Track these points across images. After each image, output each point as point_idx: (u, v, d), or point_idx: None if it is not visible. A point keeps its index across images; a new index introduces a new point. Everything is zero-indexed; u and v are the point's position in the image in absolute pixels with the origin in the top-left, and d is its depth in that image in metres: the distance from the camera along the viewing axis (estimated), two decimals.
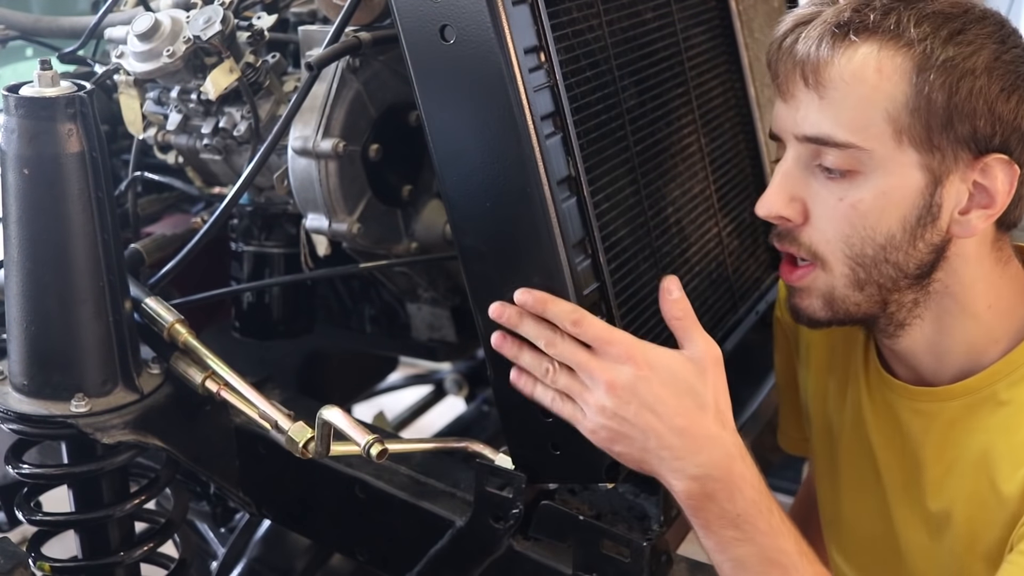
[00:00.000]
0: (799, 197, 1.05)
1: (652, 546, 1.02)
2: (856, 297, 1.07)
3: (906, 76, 0.98)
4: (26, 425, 1.12)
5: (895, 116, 0.99)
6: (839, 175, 1.02)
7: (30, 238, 1.08)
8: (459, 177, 0.99)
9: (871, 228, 1.03)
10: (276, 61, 1.35)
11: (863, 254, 1.04)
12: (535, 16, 0.96)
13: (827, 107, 1.01)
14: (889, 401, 1.17)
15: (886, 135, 1.00)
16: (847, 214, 1.03)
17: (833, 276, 1.06)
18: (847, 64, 1.00)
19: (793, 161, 1.06)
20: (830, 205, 1.04)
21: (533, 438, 1.05)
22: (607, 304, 1.02)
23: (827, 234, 1.05)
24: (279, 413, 1.10)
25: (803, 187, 1.05)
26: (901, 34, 0.99)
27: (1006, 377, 1.07)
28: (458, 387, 2.41)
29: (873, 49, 0.99)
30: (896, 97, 0.99)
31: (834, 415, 1.26)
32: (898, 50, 0.99)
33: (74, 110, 1.05)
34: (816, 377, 1.30)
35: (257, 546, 1.58)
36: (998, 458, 1.05)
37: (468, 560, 1.12)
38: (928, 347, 1.11)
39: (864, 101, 1.00)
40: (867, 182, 1.01)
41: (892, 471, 1.17)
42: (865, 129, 1.00)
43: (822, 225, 1.05)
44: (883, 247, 1.03)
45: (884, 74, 0.99)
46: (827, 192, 1.04)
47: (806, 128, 1.03)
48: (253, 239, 1.46)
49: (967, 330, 1.08)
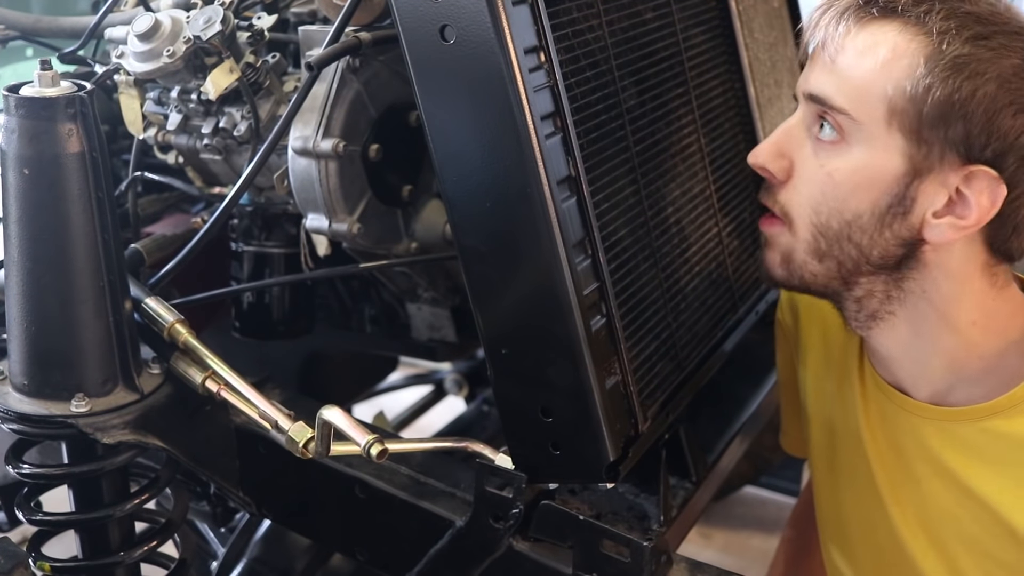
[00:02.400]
0: (788, 155, 1.08)
1: (652, 546, 1.02)
2: (813, 266, 1.09)
3: (915, 63, 0.99)
4: (26, 425, 1.12)
5: (893, 98, 0.99)
6: (828, 144, 1.04)
7: (30, 238, 1.08)
8: (459, 177, 0.99)
9: (841, 200, 1.04)
10: (276, 61, 1.35)
11: (827, 225, 1.06)
12: (535, 16, 0.96)
13: (835, 71, 1.03)
14: (883, 407, 1.17)
15: (879, 113, 1.00)
16: (823, 181, 1.05)
17: (796, 239, 1.09)
18: (866, 38, 1.02)
19: (797, 120, 1.09)
20: (811, 169, 1.06)
21: (533, 438, 1.05)
22: (607, 304, 1.03)
23: (801, 197, 1.07)
24: (279, 413, 1.10)
25: (796, 147, 1.08)
26: (925, 23, 0.99)
27: (1009, 409, 1.06)
28: (458, 387, 2.41)
29: (895, 30, 1.01)
30: (900, 80, 0.99)
31: (832, 415, 1.27)
32: (916, 36, 1.00)
33: (74, 110, 1.05)
34: (814, 377, 1.30)
35: (257, 546, 1.58)
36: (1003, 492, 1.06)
37: (468, 560, 1.12)
38: (905, 350, 1.11)
39: (869, 74, 1.01)
40: (848, 153, 1.03)
41: (886, 474, 1.18)
42: (862, 101, 1.01)
43: (799, 187, 1.07)
44: (848, 223, 1.04)
45: (896, 55, 1.00)
46: (814, 158, 1.06)
47: (810, 86, 1.06)
48: (253, 239, 1.46)
49: (946, 341, 1.08)
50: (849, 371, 1.22)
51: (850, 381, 1.22)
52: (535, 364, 1.02)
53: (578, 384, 1.00)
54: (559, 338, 1.00)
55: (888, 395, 1.16)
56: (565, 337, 0.99)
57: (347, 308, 1.70)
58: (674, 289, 1.17)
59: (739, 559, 2.47)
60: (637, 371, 1.07)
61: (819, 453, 1.32)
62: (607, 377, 1.02)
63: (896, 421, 1.15)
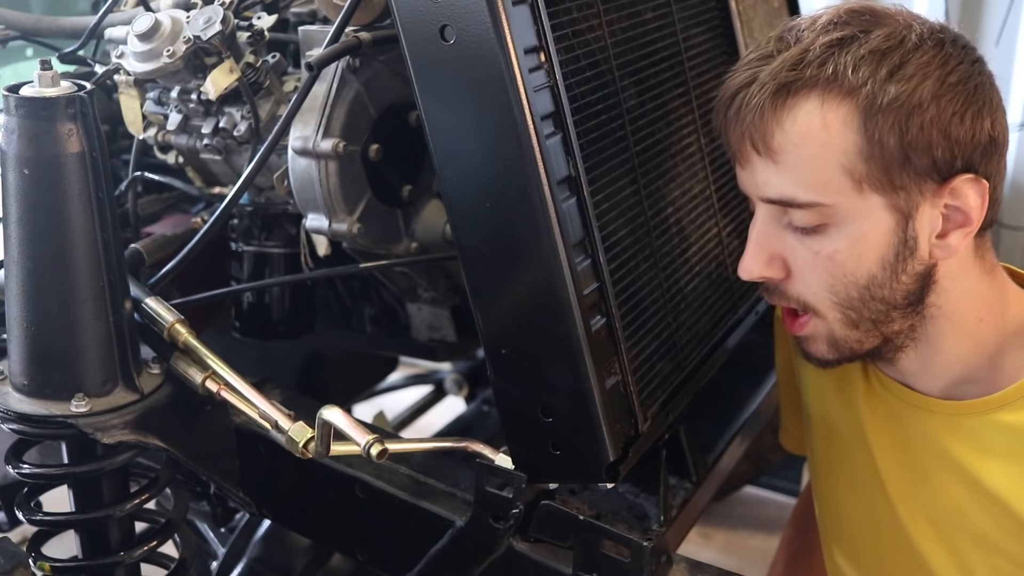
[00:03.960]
0: (777, 254, 1.06)
1: (652, 546, 1.02)
2: (855, 335, 1.08)
3: (854, 125, 0.98)
4: (26, 425, 1.12)
5: (851, 167, 0.99)
6: (810, 230, 1.03)
7: (30, 238, 1.08)
8: (459, 177, 0.99)
9: (851, 274, 1.04)
10: (276, 61, 1.35)
11: (849, 297, 1.05)
12: (535, 16, 0.96)
13: (783, 170, 1.01)
14: (889, 404, 1.17)
15: (846, 187, 0.99)
16: (826, 265, 1.04)
17: (828, 321, 1.08)
18: (792, 126, 0.99)
19: (763, 221, 1.07)
20: (808, 259, 1.05)
21: (533, 438, 1.05)
22: (607, 304, 1.03)
23: (812, 286, 1.06)
24: (279, 413, 1.10)
25: (779, 243, 1.06)
26: (841, 82, 0.97)
27: (1016, 401, 1.07)
28: (458, 387, 2.41)
29: (816, 104, 0.98)
30: (848, 149, 0.98)
31: (832, 413, 1.27)
32: (842, 100, 0.98)
33: (74, 110, 1.05)
34: (814, 375, 1.30)
35: (257, 546, 1.58)
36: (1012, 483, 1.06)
37: (468, 560, 1.12)
38: (923, 366, 1.12)
39: (817, 159, 0.99)
40: (838, 232, 1.02)
41: (894, 472, 1.18)
42: (825, 185, 1.00)
43: (805, 277, 1.06)
44: (867, 287, 1.04)
45: (832, 128, 0.98)
46: (802, 247, 1.04)
47: (768, 192, 1.04)
48: (253, 239, 1.46)
49: (960, 348, 1.09)
50: (850, 369, 1.22)
51: (851, 379, 1.22)
52: (535, 364, 1.02)
53: (578, 384, 1.00)
54: (559, 338, 1.00)
55: (895, 392, 1.16)
56: (565, 337, 0.99)
57: (347, 308, 1.70)
58: (674, 289, 1.17)
59: (739, 559, 2.47)
60: (637, 371, 1.07)
61: (819, 450, 1.32)
62: (607, 377, 1.02)
63: (903, 417, 1.16)
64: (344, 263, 1.41)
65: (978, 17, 2.14)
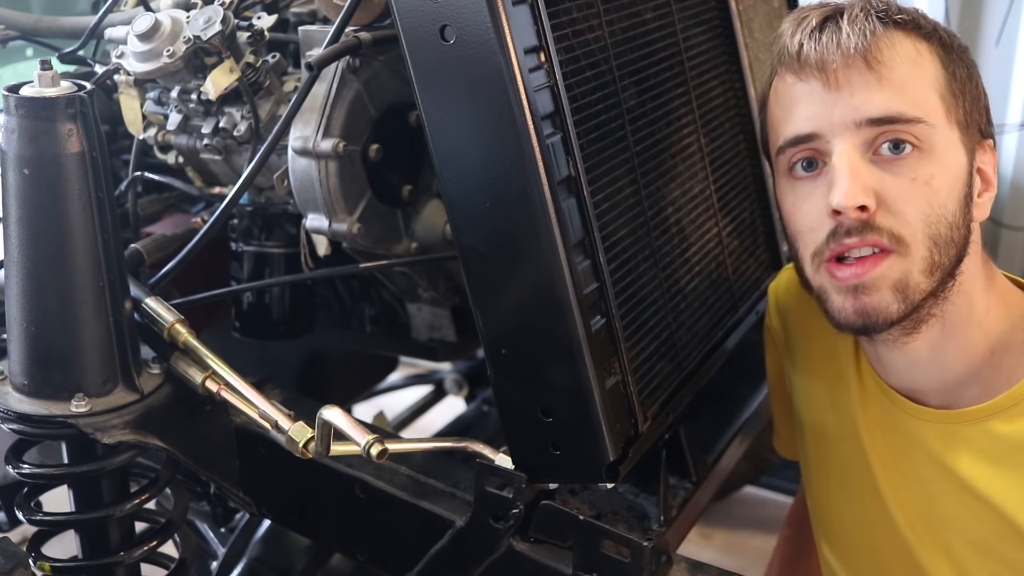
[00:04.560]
0: (871, 185, 1.02)
1: (652, 546, 1.02)
2: (925, 284, 1.03)
3: (938, 60, 1.05)
4: (26, 425, 1.12)
5: (943, 95, 1.04)
6: (904, 157, 1.02)
7: (30, 238, 1.08)
8: (459, 177, 0.99)
9: (942, 205, 1.03)
10: (276, 61, 1.35)
11: (939, 233, 1.03)
12: (535, 16, 0.96)
13: (889, 87, 1.03)
14: (887, 411, 1.16)
15: (940, 112, 1.04)
16: (923, 191, 1.02)
17: (912, 260, 1.02)
18: (899, 46, 1.04)
19: (851, 153, 1.03)
20: (904, 186, 1.02)
21: (533, 438, 1.05)
22: (607, 304, 1.03)
23: (908, 215, 1.02)
24: (279, 413, 1.10)
25: (869, 174, 1.02)
26: (919, 24, 1.06)
27: (1009, 409, 1.06)
28: (458, 387, 2.41)
29: (907, 36, 1.05)
30: (939, 78, 1.05)
31: (823, 418, 1.26)
32: (921, 37, 1.06)
33: (74, 110, 1.05)
34: (804, 380, 1.30)
35: (257, 546, 1.58)
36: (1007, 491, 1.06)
37: (468, 560, 1.12)
38: (932, 354, 1.09)
39: (920, 80, 1.04)
40: (932, 158, 1.03)
41: (889, 476, 1.17)
42: (927, 104, 1.04)
43: (899, 207, 1.02)
44: (951, 225, 1.03)
45: (924, 56, 1.05)
46: (896, 175, 1.02)
47: (871, 110, 1.02)
48: (253, 239, 1.46)
49: (970, 333, 1.08)
50: (844, 375, 1.21)
51: (845, 384, 1.21)
52: (535, 364, 1.02)
53: (578, 384, 1.00)
54: (559, 338, 1.00)
55: (890, 398, 1.15)
56: (565, 337, 0.99)
57: (347, 308, 1.70)
58: (674, 289, 1.17)
59: (739, 559, 2.47)
60: (637, 371, 1.07)
61: (811, 453, 1.31)
62: (607, 377, 1.02)
63: (899, 423, 1.15)
64: (344, 263, 1.41)
65: (978, 17, 2.13)
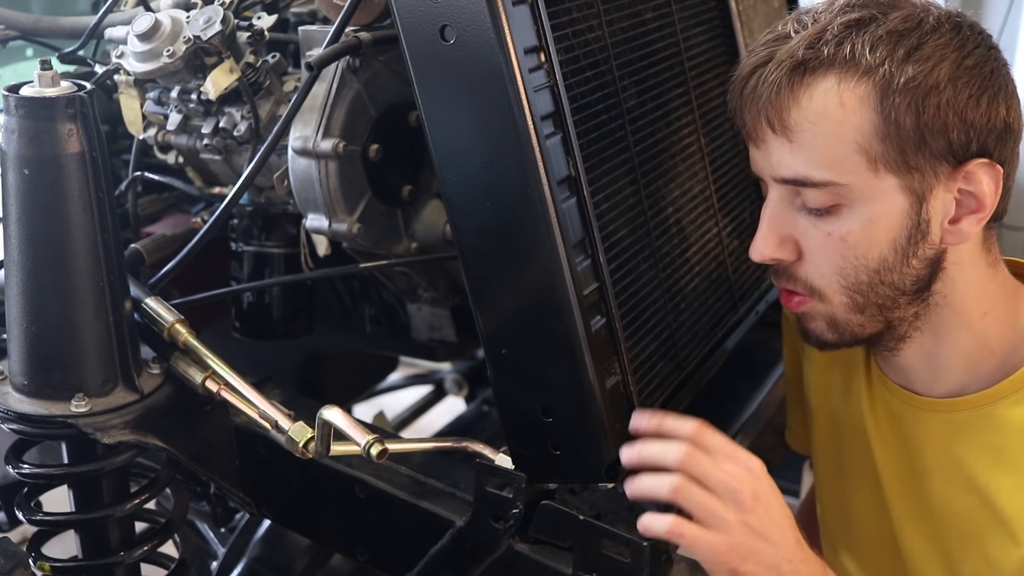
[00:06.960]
0: (789, 236, 1.06)
1: (652, 546, 1.02)
2: (858, 319, 1.07)
3: (871, 105, 0.97)
4: (26, 425, 1.12)
5: (866, 146, 0.98)
6: (824, 211, 1.02)
7: (30, 238, 1.08)
8: (459, 177, 0.99)
9: (863, 256, 1.03)
10: (276, 61, 1.35)
11: (858, 281, 1.04)
12: (535, 16, 0.96)
13: (798, 149, 1.01)
14: (889, 404, 1.17)
15: (861, 166, 0.99)
16: (837, 247, 1.03)
17: (832, 305, 1.07)
18: (809, 104, 0.99)
19: (777, 201, 1.06)
20: (820, 240, 1.04)
21: (533, 438, 1.05)
22: (607, 304, 1.03)
23: (821, 268, 1.05)
24: (279, 413, 1.10)
25: (791, 225, 1.05)
26: (858, 62, 0.98)
27: (1011, 395, 1.07)
28: (458, 387, 2.41)
29: (833, 83, 0.98)
30: (864, 128, 0.98)
31: (838, 410, 1.26)
32: (858, 80, 0.98)
33: (74, 110, 1.05)
34: (819, 371, 1.30)
35: (257, 546, 1.58)
36: (998, 478, 1.06)
37: (468, 560, 1.12)
38: (926, 360, 1.11)
39: (833, 137, 0.99)
40: (852, 213, 1.01)
41: (891, 472, 1.18)
42: (839, 164, 0.99)
43: (816, 260, 1.05)
44: (877, 271, 1.03)
45: (848, 107, 0.98)
46: (815, 228, 1.04)
47: (782, 171, 1.03)
48: (253, 239, 1.46)
49: (963, 341, 1.08)
50: (855, 366, 1.22)
51: (857, 375, 1.22)
52: (535, 364, 1.02)
53: (578, 384, 1.00)
54: (559, 338, 1.00)
55: (894, 393, 1.16)
56: (565, 337, 0.99)
57: (347, 308, 1.70)
58: (674, 289, 1.17)
59: None
60: (637, 371, 1.07)
61: (824, 449, 1.32)
62: (607, 377, 1.02)
63: (902, 416, 1.15)
64: (344, 263, 1.41)
65: (978, 17, 2.13)
